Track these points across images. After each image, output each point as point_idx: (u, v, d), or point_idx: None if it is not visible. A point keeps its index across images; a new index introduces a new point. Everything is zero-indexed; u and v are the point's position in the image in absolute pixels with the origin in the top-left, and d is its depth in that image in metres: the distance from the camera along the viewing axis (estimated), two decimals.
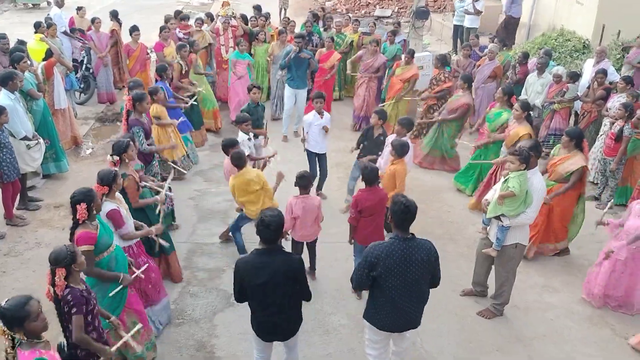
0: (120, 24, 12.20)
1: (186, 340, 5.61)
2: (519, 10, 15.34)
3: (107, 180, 4.99)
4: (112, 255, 4.75)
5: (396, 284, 4.27)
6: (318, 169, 8.14)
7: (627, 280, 6.05)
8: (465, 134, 9.61)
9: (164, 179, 6.99)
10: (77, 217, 4.48)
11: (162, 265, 6.26)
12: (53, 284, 3.83)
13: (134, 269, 4.99)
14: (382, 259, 4.22)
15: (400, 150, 6.55)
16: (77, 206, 4.44)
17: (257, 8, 12.83)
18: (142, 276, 5.03)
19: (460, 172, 8.91)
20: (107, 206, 4.97)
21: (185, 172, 8.58)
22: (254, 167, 6.82)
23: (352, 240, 6.20)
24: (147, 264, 5.20)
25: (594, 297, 6.27)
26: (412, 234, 4.34)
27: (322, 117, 7.92)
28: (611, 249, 5.96)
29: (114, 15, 12.19)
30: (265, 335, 4.47)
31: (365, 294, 4.70)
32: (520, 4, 15.32)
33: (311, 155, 8.13)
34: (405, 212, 4.26)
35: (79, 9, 12.64)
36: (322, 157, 8.18)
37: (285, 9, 18.51)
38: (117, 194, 5.24)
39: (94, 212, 4.61)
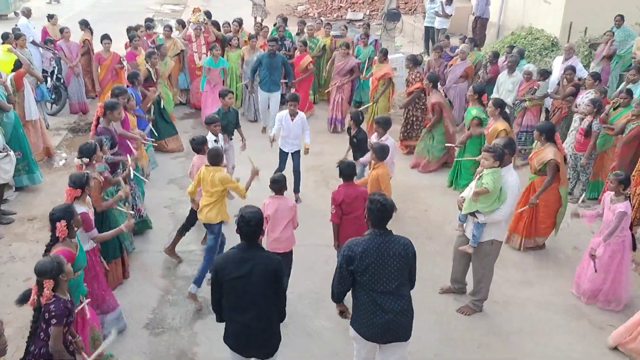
0: (92, 33, 12.06)
1: (167, 350, 5.56)
2: (489, 11, 15.59)
3: (80, 183, 4.96)
4: (76, 281, 4.67)
5: (374, 279, 4.26)
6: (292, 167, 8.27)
7: (614, 271, 6.12)
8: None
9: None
10: (57, 235, 4.41)
11: (117, 269, 6.33)
12: (39, 295, 3.78)
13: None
14: (359, 253, 4.24)
15: (380, 154, 6.50)
16: (57, 223, 4.38)
17: (207, 14, 12.76)
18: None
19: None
20: (78, 209, 4.91)
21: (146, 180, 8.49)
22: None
23: (337, 244, 6.04)
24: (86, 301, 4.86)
25: (584, 293, 6.34)
26: (389, 230, 4.37)
27: (293, 119, 7.99)
28: (593, 250, 5.95)
29: (85, 24, 12.02)
30: (241, 345, 4.34)
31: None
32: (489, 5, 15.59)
33: (282, 153, 8.25)
34: (382, 210, 4.29)
35: (50, 17, 12.43)
36: (294, 156, 8.23)
37: (262, 18, 18.30)
38: (87, 198, 5.20)
39: (75, 229, 4.54)
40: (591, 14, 12.36)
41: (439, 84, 9.65)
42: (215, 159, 6.12)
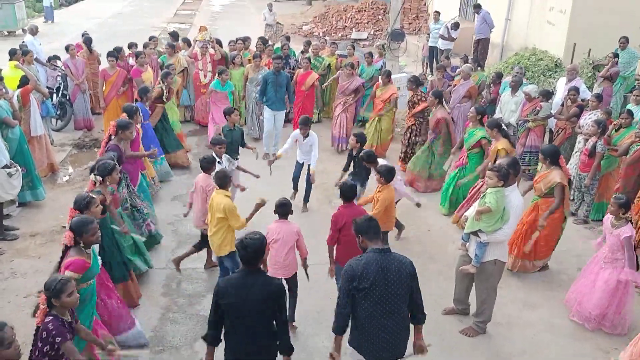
0: (90, 51, 12.14)
1: None
2: (490, 32, 15.69)
3: (79, 205, 4.95)
4: (89, 290, 4.67)
5: (375, 298, 4.22)
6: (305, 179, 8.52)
7: (620, 295, 6.07)
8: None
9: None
10: (65, 242, 4.46)
11: (128, 289, 6.22)
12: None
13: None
14: (360, 270, 4.22)
15: (388, 176, 6.40)
16: (66, 232, 4.44)
17: (173, 35, 12.81)
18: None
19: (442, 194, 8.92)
20: None
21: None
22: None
23: (333, 268, 6.02)
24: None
25: (589, 320, 6.23)
26: (388, 247, 4.37)
27: (304, 140, 8.19)
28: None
29: (85, 42, 12.16)
30: None
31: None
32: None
33: (298, 163, 8.57)
34: (369, 219, 4.43)
35: (85, 35, 12.54)
36: (309, 167, 8.44)
37: (273, 37, 18.40)
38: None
39: (82, 245, 4.53)
40: (595, 36, 12.42)
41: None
42: (223, 180, 6.09)
